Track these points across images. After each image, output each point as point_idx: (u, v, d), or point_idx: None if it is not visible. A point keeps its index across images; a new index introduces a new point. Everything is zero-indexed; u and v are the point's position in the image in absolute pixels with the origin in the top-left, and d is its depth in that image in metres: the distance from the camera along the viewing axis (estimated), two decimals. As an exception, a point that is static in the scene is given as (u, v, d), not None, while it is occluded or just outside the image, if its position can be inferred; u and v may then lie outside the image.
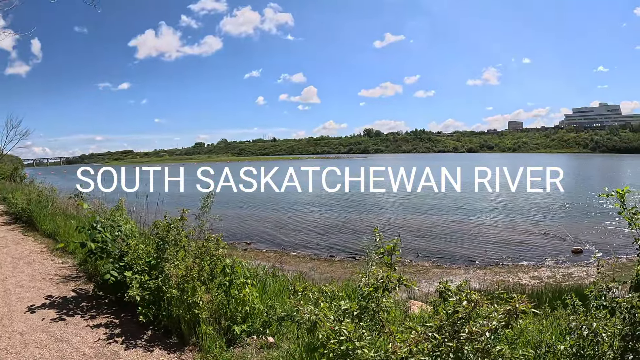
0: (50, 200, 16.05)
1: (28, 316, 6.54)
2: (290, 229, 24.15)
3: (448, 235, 21.77)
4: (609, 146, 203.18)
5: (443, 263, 16.79)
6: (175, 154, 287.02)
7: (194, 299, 5.13)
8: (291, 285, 4.21)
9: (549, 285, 12.43)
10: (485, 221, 25.45)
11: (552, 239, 20.42)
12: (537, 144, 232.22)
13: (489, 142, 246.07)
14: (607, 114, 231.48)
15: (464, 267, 16.21)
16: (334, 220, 26.63)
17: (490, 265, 16.38)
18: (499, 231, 22.62)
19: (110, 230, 7.19)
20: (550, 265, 16.34)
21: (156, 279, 6.01)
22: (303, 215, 29.33)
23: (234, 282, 5.56)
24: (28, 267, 9.54)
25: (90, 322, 6.33)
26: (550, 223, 24.30)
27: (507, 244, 19.76)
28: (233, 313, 5.51)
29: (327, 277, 12.82)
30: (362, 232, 22.33)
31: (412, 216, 27.47)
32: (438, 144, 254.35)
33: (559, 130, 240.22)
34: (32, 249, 11.41)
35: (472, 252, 18.33)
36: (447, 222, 25.14)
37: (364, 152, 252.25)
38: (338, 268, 15.69)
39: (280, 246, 19.87)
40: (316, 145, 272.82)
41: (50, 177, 46.07)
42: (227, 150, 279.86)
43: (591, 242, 19.51)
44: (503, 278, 14.45)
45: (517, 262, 16.67)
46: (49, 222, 13.32)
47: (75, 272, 9.10)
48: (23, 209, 15.52)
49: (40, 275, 8.87)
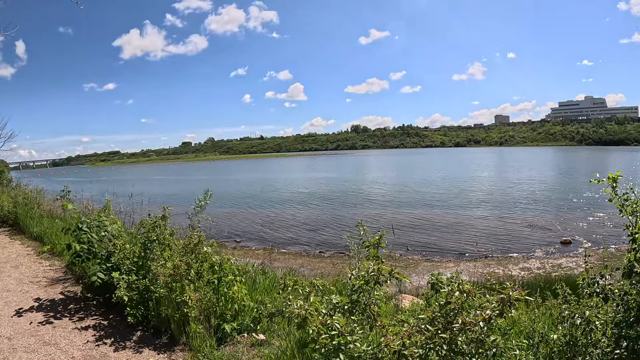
0: (36, 203, 15.83)
1: (16, 320, 6.40)
2: (279, 226, 24.03)
3: (437, 228, 21.81)
4: (595, 139, 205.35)
5: (433, 256, 16.77)
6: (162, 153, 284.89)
7: (183, 298, 5.05)
8: (281, 280, 4.14)
9: (539, 276, 12.42)
10: (473, 214, 25.56)
11: (541, 231, 20.51)
12: (524, 137, 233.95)
13: (476, 137, 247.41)
14: (593, 107, 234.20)
15: (454, 260, 16.19)
16: (323, 216, 26.60)
17: (480, 258, 16.40)
18: (488, 223, 22.74)
19: (97, 231, 7.03)
20: (539, 256, 16.39)
21: (144, 278, 5.92)
22: (291, 212, 29.25)
23: (222, 279, 5.49)
24: (15, 270, 9.36)
25: (78, 325, 6.22)
26: (539, 215, 24.44)
27: (497, 236, 19.82)
28: (223, 311, 5.44)
29: (317, 273, 12.78)
30: (351, 227, 22.22)
31: (400, 210, 27.55)
32: (425, 139, 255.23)
33: (545, 123, 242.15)
34: (19, 253, 11.23)
35: (462, 245, 18.36)
36: (436, 216, 25.23)
37: (352, 148, 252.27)
38: (328, 264, 15.65)
39: (270, 243, 19.72)
40: (304, 142, 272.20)
41: (36, 179, 45.50)
42: (214, 149, 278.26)
43: (580, 232, 19.63)
44: (493, 270, 14.45)
45: (507, 254, 16.68)
46: (36, 225, 13.11)
47: (62, 274, 8.96)
48: (9, 212, 15.29)
49: (28, 278, 8.71)
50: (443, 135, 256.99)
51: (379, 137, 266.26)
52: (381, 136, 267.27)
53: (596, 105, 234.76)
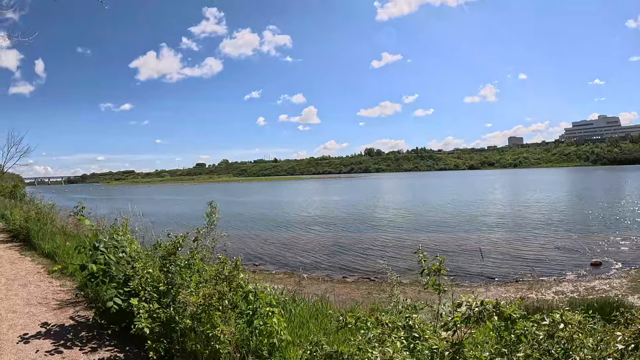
0: (49, 218, 15.40)
1: (20, 347, 5.77)
2: (298, 249, 23.17)
3: (461, 251, 20.97)
4: (610, 158, 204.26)
5: (461, 281, 15.95)
6: (176, 174, 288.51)
7: (214, 332, 4.33)
8: (340, 315, 3.43)
9: (574, 300, 11.67)
10: (496, 236, 24.74)
11: (568, 253, 19.86)
12: (538, 158, 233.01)
13: (490, 159, 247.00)
14: (607, 126, 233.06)
15: (484, 285, 15.41)
16: (341, 240, 25.66)
17: (510, 282, 15.70)
18: (513, 246, 21.94)
19: (114, 252, 6.39)
20: (571, 279, 15.73)
21: (167, 307, 5.19)
22: (308, 234, 28.42)
23: (258, 310, 4.78)
24: (23, 289, 8.80)
25: (91, 357, 5.52)
26: (563, 236, 23.77)
27: (524, 259, 19.10)
28: (257, 346, 4.72)
29: (344, 299, 12.00)
30: (371, 251, 21.65)
31: (422, 234, 26.64)
32: (439, 162, 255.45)
33: (559, 144, 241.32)
34: (28, 270, 10.72)
35: (489, 269, 17.59)
36: (459, 239, 24.37)
37: (366, 171, 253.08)
38: (353, 289, 14.90)
39: (290, 267, 18.95)
40: (317, 165, 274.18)
41: (50, 195, 45.35)
42: (228, 170, 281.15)
43: (608, 253, 19.06)
44: (526, 294, 13.49)
45: (538, 278, 15.80)
46: (48, 241, 12.68)
47: (74, 296, 8.30)
48: (21, 227, 15.00)
49: (36, 299, 8.11)
50: (457, 158, 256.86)
51: (393, 160, 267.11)
52: (395, 159, 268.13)
53: (610, 124, 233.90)
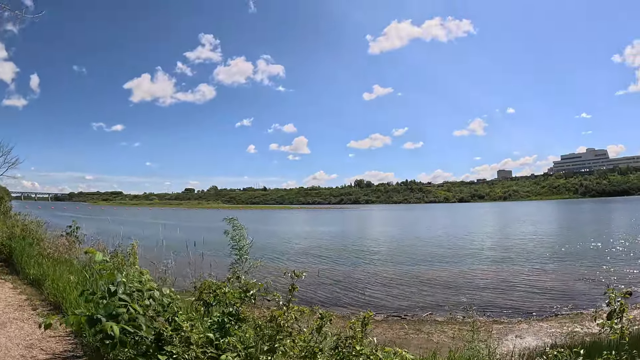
0: (36, 237, 13.53)
1: None
2: (309, 283, 20.02)
3: (486, 286, 19.54)
4: (599, 190, 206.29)
5: (499, 317, 14.53)
6: (165, 198, 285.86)
7: None
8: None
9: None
10: (515, 269, 23.32)
11: (594, 283, 19.22)
12: (528, 191, 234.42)
13: (480, 192, 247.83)
14: (595, 158, 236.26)
15: (524, 321, 14.18)
16: (355, 274, 23.44)
17: (550, 316, 14.70)
18: (537, 278, 20.79)
19: (139, 297, 4.15)
20: (608, 310, 14.36)
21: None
22: (318, 267, 25.32)
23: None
24: (0, 331, 6.80)
25: None
26: (583, 267, 23.22)
27: (553, 292, 18.14)
28: None
29: (380, 340, 10.28)
30: (391, 286, 20.05)
31: (439, 268, 24.76)
32: (429, 195, 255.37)
33: (548, 177, 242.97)
34: (8, 302, 8.72)
35: (519, 303, 16.47)
36: (479, 272, 22.84)
37: (355, 202, 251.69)
38: (386, 329, 13.15)
39: (309, 304, 16.82)
40: (307, 195, 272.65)
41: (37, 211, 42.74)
42: (217, 197, 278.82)
43: (633, 283, 18.58)
44: (572, 329, 12.71)
45: (576, 311, 15.02)
46: (34, 266, 10.78)
47: (69, 345, 6.22)
48: (3, 245, 13.24)
49: (17, 348, 6.04)
50: (447, 191, 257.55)
51: (383, 192, 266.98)
52: (385, 191, 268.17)
53: (598, 156, 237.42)
